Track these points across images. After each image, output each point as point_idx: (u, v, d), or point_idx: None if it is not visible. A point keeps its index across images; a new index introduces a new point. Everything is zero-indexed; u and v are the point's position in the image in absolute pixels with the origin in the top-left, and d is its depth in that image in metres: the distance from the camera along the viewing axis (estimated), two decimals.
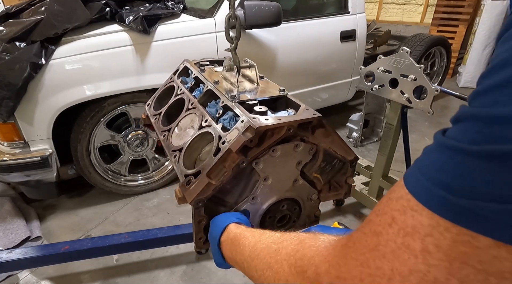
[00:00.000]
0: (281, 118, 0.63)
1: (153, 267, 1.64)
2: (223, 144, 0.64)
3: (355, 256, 0.30)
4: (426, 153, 0.26)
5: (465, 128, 0.23)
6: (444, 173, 0.23)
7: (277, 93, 0.81)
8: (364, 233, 0.30)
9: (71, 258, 1.50)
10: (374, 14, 5.74)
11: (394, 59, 1.51)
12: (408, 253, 0.25)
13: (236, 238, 0.54)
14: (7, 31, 1.67)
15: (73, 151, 1.86)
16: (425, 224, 0.24)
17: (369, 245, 0.29)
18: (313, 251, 0.37)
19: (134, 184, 2.14)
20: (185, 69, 1.03)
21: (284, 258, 0.41)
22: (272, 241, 0.46)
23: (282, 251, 0.42)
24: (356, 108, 3.43)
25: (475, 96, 0.23)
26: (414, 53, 3.04)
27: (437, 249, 0.23)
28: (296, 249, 0.40)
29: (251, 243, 0.49)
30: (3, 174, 1.71)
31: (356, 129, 2.54)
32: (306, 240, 0.40)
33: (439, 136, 0.25)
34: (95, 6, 1.78)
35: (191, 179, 0.65)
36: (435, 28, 4.46)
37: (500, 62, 0.21)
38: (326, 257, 0.34)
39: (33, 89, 1.59)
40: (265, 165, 0.66)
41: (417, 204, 0.25)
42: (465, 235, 0.22)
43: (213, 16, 1.99)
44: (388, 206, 0.28)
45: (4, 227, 1.77)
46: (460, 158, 0.22)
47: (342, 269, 0.31)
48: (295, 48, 2.34)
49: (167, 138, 0.81)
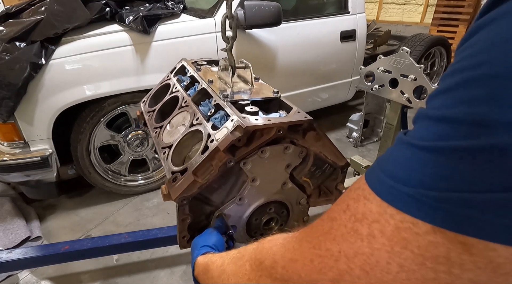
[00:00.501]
0: (271, 120, 0.63)
1: (153, 267, 1.64)
2: (211, 142, 0.64)
3: (310, 239, 0.32)
4: (387, 150, 0.29)
5: (418, 126, 0.25)
6: (396, 165, 0.25)
7: (271, 95, 0.81)
8: (322, 219, 0.32)
9: (71, 258, 1.50)
10: (374, 14, 5.74)
11: (394, 59, 1.52)
12: (355, 237, 0.27)
13: (205, 268, 0.55)
14: (7, 31, 1.67)
15: (73, 151, 1.86)
16: (373, 211, 0.26)
17: (324, 229, 0.31)
18: (271, 243, 0.39)
19: (134, 184, 2.14)
20: (182, 68, 1.04)
21: (246, 259, 0.42)
22: (237, 252, 0.47)
23: (244, 254, 0.43)
24: (356, 108, 3.43)
25: (430, 98, 0.26)
26: (414, 53, 3.04)
27: (381, 234, 0.25)
28: (255, 248, 0.42)
29: (218, 264, 0.50)
30: (3, 174, 1.71)
31: (356, 129, 2.54)
32: (266, 238, 0.42)
33: (400, 135, 0.27)
34: (95, 6, 1.78)
35: (178, 176, 0.64)
36: (435, 28, 4.46)
37: (451, 71, 0.24)
38: (283, 244, 0.36)
39: (33, 89, 1.59)
40: (253, 166, 0.65)
41: (370, 193, 0.27)
42: (407, 222, 0.24)
43: (213, 16, 1.99)
44: (346, 195, 0.30)
45: (4, 227, 1.77)
46: (410, 152, 0.24)
47: (296, 252, 0.33)
48: (295, 48, 2.34)
49: (159, 135, 0.81)
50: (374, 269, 0.26)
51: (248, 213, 0.71)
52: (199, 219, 0.71)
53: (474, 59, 0.22)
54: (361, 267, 0.26)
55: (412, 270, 0.24)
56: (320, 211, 1.51)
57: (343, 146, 2.69)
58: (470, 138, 0.21)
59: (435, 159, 0.22)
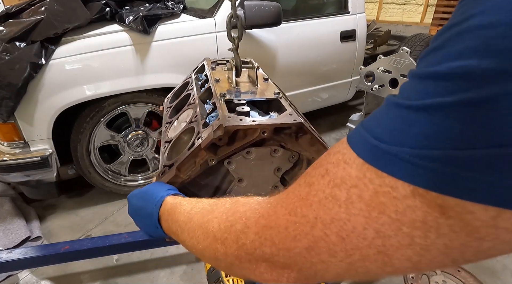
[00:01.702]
0: (256, 120, 0.62)
1: (153, 267, 1.64)
2: (198, 140, 0.64)
3: (285, 205, 0.31)
4: (374, 111, 0.27)
5: (405, 86, 0.25)
6: (381, 125, 0.25)
7: (271, 96, 0.80)
8: (299, 184, 0.31)
9: (71, 258, 1.50)
10: (374, 14, 5.74)
11: (394, 59, 1.52)
12: (333, 202, 0.26)
13: (172, 208, 0.52)
14: (7, 31, 1.67)
15: (73, 151, 1.86)
16: (353, 175, 0.25)
17: (300, 195, 0.29)
18: (245, 207, 0.37)
19: (134, 184, 2.14)
20: (203, 66, 1.07)
21: (216, 216, 0.40)
22: (207, 204, 0.45)
23: (215, 210, 0.41)
24: (356, 108, 3.43)
25: (419, 60, 0.25)
26: (414, 53, 3.04)
27: (359, 199, 0.25)
28: (229, 208, 0.39)
29: (186, 209, 0.48)
30: (3, 174, 1.71)
31: None
32: (240, 199, 0.40)
33: (388, 96, 0.27)
34: (95, 6, 1.78)
35: (166, 170, 0.66)
36: (435, 28, 4.46)
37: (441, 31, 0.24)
38: (257, 210, 0.35)
39: (33, 89, 1.59)
40: (238, 166, 0.65)
41: (350, 157, 0.26)
42: (386, 185, 0.23)
43: (213, 16, 1.99)
44: (325, 159, 0.29)
45: (4, 227, 1.76)
46: (396, 111, 0.24)
47: (271, 218, 0.32)
48: (295, 48, 2.34)
49: (167, 130, 0.83)
50: (350, 235, 0.25)
51: None
52: None
53: (463, 16, 0.22)
54: (337, 234, 0.26)
55: (388, 235, 0.24)
56: None
57: None
58: (457, 93, 0.20)
59: (419, 117, 0.22)
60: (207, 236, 0.39)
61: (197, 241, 0.41)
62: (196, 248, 0.42)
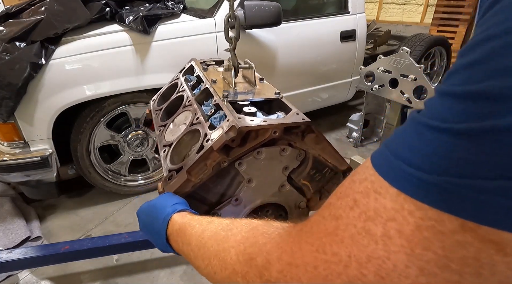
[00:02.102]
0: (267, 121, 0.62)
1: (153, 267, 1.64)
2: (207, 142, 0.64)
3: (311, 241, 0.28)
4: (397, 131, 0.25)
5: (438, 106, 0.22)
6: (415, 150, 0.22)
7: (272, 96, 0.80)
8: (323, 216, 0.28)
9: (71, 258, 1.50)
10: (374, 14, 5.74)
11: (394, 59, 1.52)
12: (368, 238, 0.24)
13: (181, 229, 0.49)
14: (7, 31, 1.67)
15: (73, 151, 1.86)
16: (388, 207, 0.23)
17: (327, 229, 0.27)
18: (265, 238, 0.34)
19: (134, 184, 2.14)
20: (191, 67, 1.05)
21: (233, 245, 0.37)
22: (221, 228, 0.42)
23: (231, 238, 0.39)
24: (356, 108, 3.43)
25: (449, 75, 0.23)
26: (414, 53, 3.04)
27: (399, 234, 0.22)
28: (246, 237, 0.37)
29: (197, 232, 0.45)
30: (3, 174, 1.71)
31: (356, 129, 2.54)
32: (258, 227, 0.37)
33: (413, 113, 0.24)
34: (95, 6, 1.78)
35: (173, 174, 0.64)
36: (435, 28, 4.46)
37: (474, 42, 0.21)
38: (279, 244, 0.32)
39: (33, 89, 1.59)
40: (249, 167, 0.65)
41: (381, 186, 0.24)
42: (429, 219, 0.21)
43: (213, 16, 1.99)
44: (351, 188, 0.26)
45: (4, 227, 1.77)
46: (430, 135, 0.22)
47: (296, 255, 0.29)
48: (295, 48, 2.34)
49: (162, 133, 0.82)
50: (390, 274, 0.23)
51: (243, 215, 0.70)
52: None
53: (502, 27, 0.19)
54: (375, 273, 0.23)
55: (434, 273, 0.21)
56: None
57: (343, 146, 2.69)
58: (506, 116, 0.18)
59: (463, 143, 0.20)
60: (225, 267, 0.37)
61: (214, 271, 0.39)
62: (213, 278, 0.40)
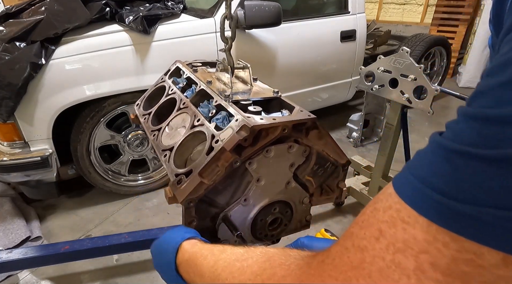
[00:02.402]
0: (276, 118, 0.63)
1: (153, 267, 1.64)
2: (216, 143, 0.63)
3: (334, 274, 0.26)
4: (420, 155, 0.24)
5: (465, 129, 0.21)
6: (443, 177, 0.21)
7: (271, 95, 0.80)
8: (346, 247, 0.26)
9: (71, 258, 1.50)
10: (374, 14, 5.74)
11: (394, 59, 1.51)
12: (399, 272, 0.22)
13: (191, 259, 0.47)
14: (7, 31, 1.67)
15: (73, 151, 1.86)
16: (419, 238, 0.22)
17: (352, 262, 0.25)
18: (283, 270, 0.33)
19: (134, 184, 2.14)
20: (177, 70, 1.02)
21: (249, 278, 0.35)
22: (234, 258, 0.40)
23: (246, 270, 0.37)
24: (356, 108, 3.43)
25: (475, 96, 0.21)
26: (414, 53, 3.04)
27: (433, 268, 0.21)
28: (263, 268, 0.35)
29: (210, 262, 0.43)
30: (3, 174, 1.71)
31: (356, 129, 2.54)
32: (274, 257, 0.36)
33: (435, 137, 0.23)
34: (95, 6, 1.78)
35: (182, 178, 0.64)
36: (435, 28, 4.46)
37: (504, 61, 0.20)
38: (299, 277, 0.30)
39: (33, 89, 1.59)
40: (259, 166, 0.64)
41: (409, 215, 0.22)
42: (467, 252, 0.20)
43: (213, 16, 1.99)
44: (374, 217, 0.25)
45: (4, 227, 1.76)
46: (460, 161, 0.20)
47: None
48: (295, 48, 2.34)
49: (157, 137, 0.80)
50: None
51: (253, 214, 0.70)
52: (204, 222, 0.71)
53: None
54: None
55: None
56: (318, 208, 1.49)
57: (343, 146, 2.68)
58: None
59: (502, 171, 0.18)
60: None
61: None
62: None
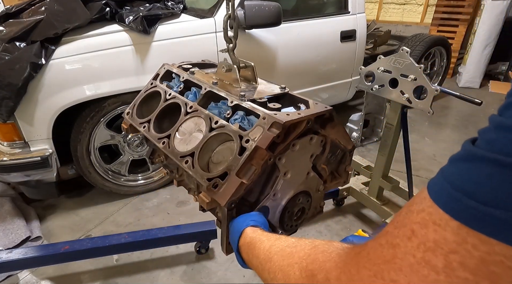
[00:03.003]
0: (301, 113, 0.65)
1: (153, 267, 1.64)
2: (247, 142, 0.64)
3: (368, 266, 0.29)
4: (454, 162, 0.25)
5: (498, 139, 0.22)
6: (476, 184, 0.22)
7: (278, 90, 0.82)
8: (380, 244, 0.29)
9: (71, 258, 1.50)
10: (374, 14, 5.74)
11: (394, 59, 1.51)
12: (428, 269, 0.24)
13: (252, 242, 0.55)
14: (7, 31, 1.67)
15: (73, 151, 1.86)
16: (449, 239, 0.23)
17: (385, 257, 0.28)
18: (325, 256, 0.38)
19: (134, 184, 2.14)
20: (167, 73, 1.00)
21: (296, 261, 0.41)
22: (286, 245, 0.47)
23: (295, 254, 0.43)
24: (356, 108, 3.43)
25: (507, 107, 0.23)
26: (414, 53, 3.04)
27: (462, 267, 0.22)
28: (308, 253, 0.41)
29: (266, 246, 0.50)
30: (3, 174, 1.71)
31: (356, 129, 2.54)
32: (319, 246, 0.41)
33: (468, 145, 0.24)
34: (95, 6, 1.78)
35: (218, 182, 0.63)
36: (435, 28, 4.46)
37: None
38: (337, 264, 0.35)
39: (33, 89, 1.59)
40: (286, 160, 0.66)
41: (440, 218, 0.24)
42: (496, 254, 0.21)
43: (213, 16, 1.99)
44: (408, 218, 0.27)
45: (4, 227, 1.77)
46: (493, 169, 0.22)
47: (354, 277, 0.31)
48: (295, 48, 2.34)
49: (169, 145, 0.78)
50: None
51: (281, 207, 0.73)
52: None
53: None
54: None
55: None
56: None
57: None
58: None
59: None
60: (288, 281, 0.41)
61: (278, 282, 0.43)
62: None
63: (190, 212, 2.02)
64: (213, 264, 1.65)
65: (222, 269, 1.62)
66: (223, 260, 1.66)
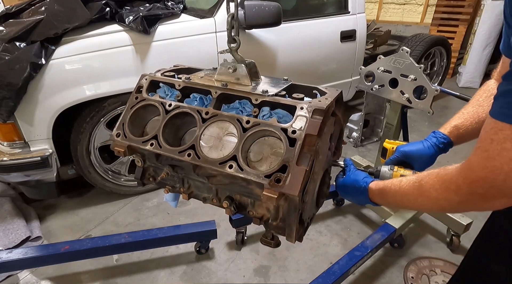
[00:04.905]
0: (328, 98, 0.72)
1: (153, 267, 1.64)
2: (293, 133, 0.66)
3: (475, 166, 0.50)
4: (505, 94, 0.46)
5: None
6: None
7: (282, 82, 0.87)
8: (475, 154, 0.50)
9: (71, 258, 1.50)
10: (374, 14, 5.74)
11: (394, 59, 1.52)
12: (507, 151, 0.45)
13: (382, 191, 0.74)
14: (7, 31, 1.67)
15: (73, 151, 1.86)
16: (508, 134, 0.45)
17: (482, 157, 0.48)
18: (442, 177, 0.57)
19: (134, 184, 2.14)
20: (153, 84, 0.94)
21: (428, 188, 0.60)
22: (412, 182, 0.65)
23: (423, 185, 0.61)
24: (356, 108, 3.43)
25: None
26: (414, 53, 3.04)
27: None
28: (431, 183, 0.59)
29: (396, 188, 0.69)
30: (3, 174, 1.71)
31: (356, 129, 2.54)
32: (433, 172, 0.60)
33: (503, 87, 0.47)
34: (95, 6, 1.78)
35: (279, 176, 0.65)
36: (435, 28, 4.46)
37: None
38: (454, 176, 0.54)
39: (33, 89, 1.59)
40: (321, 143, 0.71)
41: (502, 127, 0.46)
42: None
43: (213, 16, 1.99)
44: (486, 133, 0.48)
45: (4, 227, 1.77)
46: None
47: (472, 176, 0.50)
48: (295, 48, 2.34)
49: (197, 155, 0.73)
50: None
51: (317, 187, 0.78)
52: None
53: None
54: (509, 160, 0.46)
55: None
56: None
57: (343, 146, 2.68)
58: None
59: None
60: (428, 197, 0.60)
61: (422, 203, 0.63)
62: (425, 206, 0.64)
63: (190, 212, 2.02)
64: (213, 264, 1.65)
65: (222, 269, 1.62)
66: (223, 260, 1.66)
